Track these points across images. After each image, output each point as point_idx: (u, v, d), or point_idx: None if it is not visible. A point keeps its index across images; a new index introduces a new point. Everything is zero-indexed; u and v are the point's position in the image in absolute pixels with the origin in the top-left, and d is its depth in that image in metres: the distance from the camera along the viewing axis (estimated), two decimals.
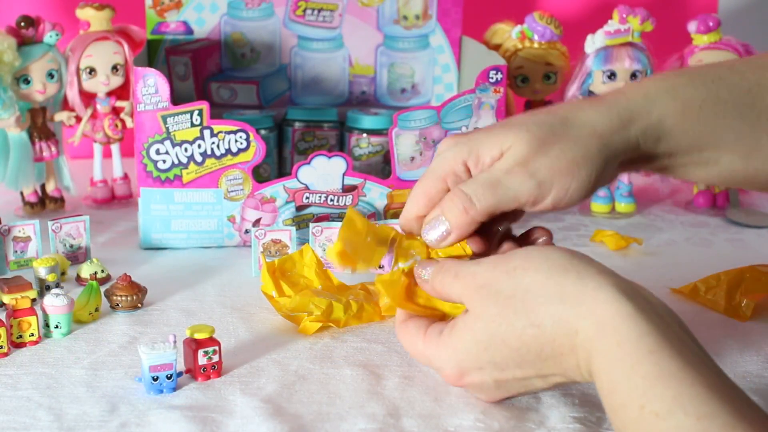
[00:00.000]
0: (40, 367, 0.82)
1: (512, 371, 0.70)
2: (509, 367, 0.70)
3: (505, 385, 0.72)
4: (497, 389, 0.72)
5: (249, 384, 0.79)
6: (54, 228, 1.03)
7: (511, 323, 0.68)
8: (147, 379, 0.77)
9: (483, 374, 0.71)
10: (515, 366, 0.69)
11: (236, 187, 1.09)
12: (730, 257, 1.10)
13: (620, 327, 0.63)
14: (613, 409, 0.63)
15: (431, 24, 1.30)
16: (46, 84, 1.18)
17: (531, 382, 0.71)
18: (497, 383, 0.71)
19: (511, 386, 0.72)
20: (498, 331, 0.69)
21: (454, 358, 0.72)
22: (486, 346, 0.70)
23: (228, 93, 1.30)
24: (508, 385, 0.72)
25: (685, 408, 0.58)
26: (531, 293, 0.68)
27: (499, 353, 0.69)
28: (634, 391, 0.61)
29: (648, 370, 0.61)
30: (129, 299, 0.92)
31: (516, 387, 0.72)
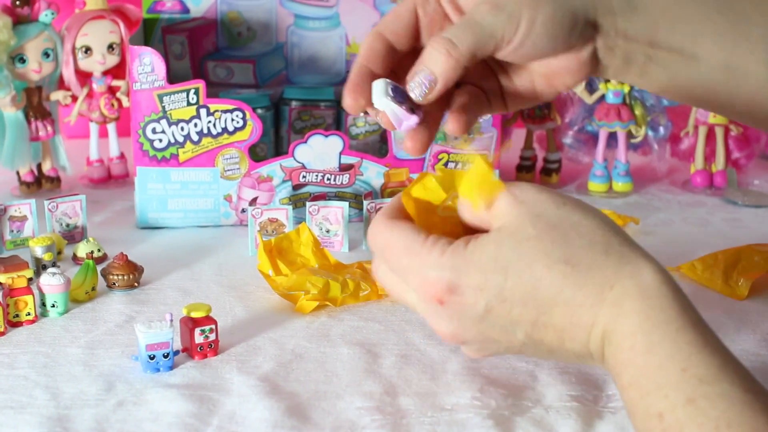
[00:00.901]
0: (36, 346, 0.82)
1: (511, 306, 0.63)
2: (513, 299, 0.63)
3: (490, 320, 0.64)
4: (476, 323, 0.64)
5: (246, 362, 0.79)
6: (50, 207, 1.03)
7: (545, 250, 0.62)
8: (144, 357, 0.77)
9: (478, 296, 0.63)
10: (519, 302, 0.63)
11: (233, 166, 1.09)
12: (728, 236, 1.10)
13: (667, 294, 0.61)
14: (645, 370, 0.59)
15: None
16: (42, 63, 1.17)
17: (516, 330, 0.64)
18: (483, 315, 0.64)
19: (493, 324, 0.64)
20: (527, 254, 0.62)
21: (457, 268, 0.64)
22: (505, 265, 0.63)
23: (224, 72, 1.29)
24: (491, 322, 0.64)
25: (732, 378, 0.57)
26: (576, 231, 0.63)
27: (514, 279, 0.62)
28: (677, 353, 0.58)
29: (693, 337, 0.59)
30: (125, 278, 0.92)
31: (496, 329, 0.64)
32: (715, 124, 1.27)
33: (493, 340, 0.65)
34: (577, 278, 0.61)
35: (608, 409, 0.73)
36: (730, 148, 1.28)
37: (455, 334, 0.66)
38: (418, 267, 0.65)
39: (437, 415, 0.72)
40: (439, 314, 0.65)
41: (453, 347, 0.82)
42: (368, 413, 0.72)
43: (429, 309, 0.66)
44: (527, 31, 0.70)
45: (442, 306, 0.64)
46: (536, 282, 0.62)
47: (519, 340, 0.64)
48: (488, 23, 0.70)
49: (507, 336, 0.64)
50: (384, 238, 0.67)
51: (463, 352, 0.69)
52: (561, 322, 0.62)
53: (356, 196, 1.11)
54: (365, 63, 0.74)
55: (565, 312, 0.62)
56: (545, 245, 0.62)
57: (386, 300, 0.91)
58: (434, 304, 0.65)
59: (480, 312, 0.64)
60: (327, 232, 1.03)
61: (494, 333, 0.65)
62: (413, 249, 0.65)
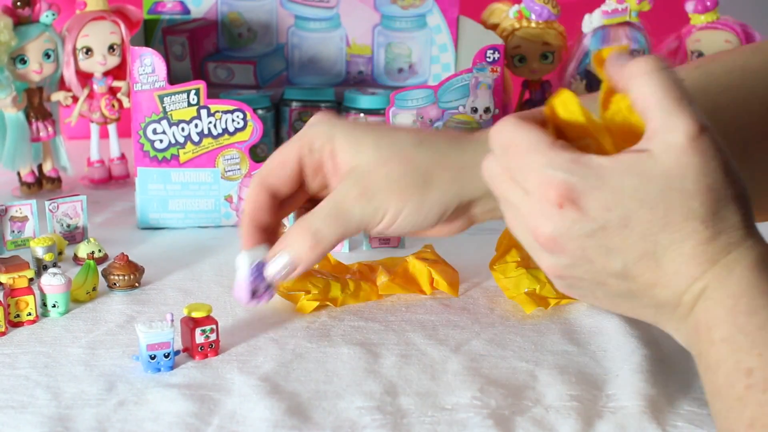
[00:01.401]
0: (37, 346, 0.82)
1: (629, 234, 0.61)
2: (635, 229, 0.61)
3: (599, 239, 0.61)
4: (583, 237, 0.62)
5: (246, 362, 0.79)
6: (51, 208, 1.03)
7: (691, 207, 0.60)
8: (144, 357, 0.77)
9: (601, 213, 0.61)
10: (640, 233, 0.61)
11: (233, 167, 1.09)
12: None
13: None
14: (744, 329, 0.60)
15: (428, 4, 1.29)
16: (43, 64, 1.18)
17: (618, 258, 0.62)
18: (595, 232, 0.61)
19: (600, 244, 0.62)
20: (672, 201, 0.60)
21: (587, 178, 0.61)
22: (643, 198, 0.60)
23: (225, 73, 1.30)
24: (600, 241, 0.61)
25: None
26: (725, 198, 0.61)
27: (646, 212, 0.60)
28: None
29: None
30: (126, 278, 0.92)
31: (600, 251, 0.62)
32: None
33: (588, 260, 0.63)
34: (704, 236, 0.61)
35: (608, 408, 0.73)
36: None
37: (554, 238, 0.62)
38: (544, 165, 0.62)
39: (437, 414, 0.72)
40: (549, 215, 0.62)
41: (453, 347, 0.82)
42: (369, 413, 0.72)
43: (538, 208, 0.62)
44: (392, 221, 0.76)
45: (558, 209, 0.61)
46: (666, 225, 0.61)
47: (613, 270, 0.63)
48: (355, 213, 0.76)
49: (605, 261, 0.62)
50: (510, 134, 0.64)
51: (542, 262, 0.66)
52: (667, 267, 0.62)
53: None
54: (252, 217, 0.80)
55: (677, 259, 0.61)
56: (694, 203, 0.60)
57: (387, 300, 0.91)
58: (548, 205, 0.62)
59: (594, 228, 0.61)
60: None
61: (595, 253, 0.62)
62: (541, 148, 0.62)
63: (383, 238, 1.05)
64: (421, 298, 0.92)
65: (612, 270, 0.63)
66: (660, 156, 0.60)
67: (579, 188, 0.61)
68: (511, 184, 0.64)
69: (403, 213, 0.76)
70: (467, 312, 0.89)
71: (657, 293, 0.63)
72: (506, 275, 0.91)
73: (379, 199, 0.76)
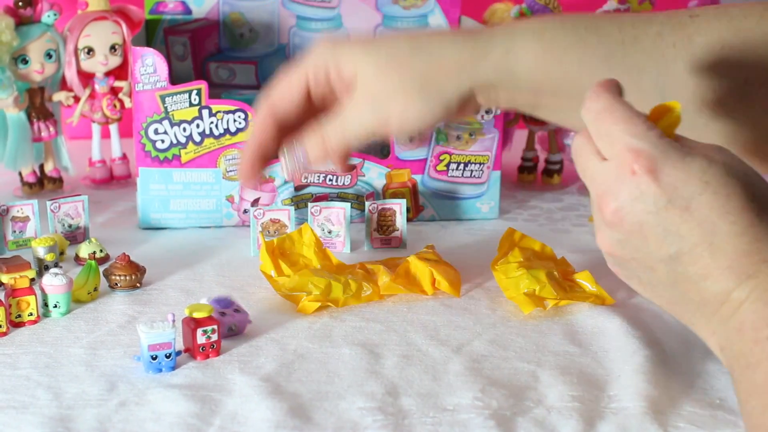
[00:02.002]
0: (39, 347, 0.82)
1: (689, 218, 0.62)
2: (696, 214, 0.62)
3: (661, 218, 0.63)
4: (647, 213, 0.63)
5: (248, 363, 0.79)
6: (52, 208, 1.03)
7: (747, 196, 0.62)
8: (146, 358, 0.77)
9: (669, 191, 0.62)
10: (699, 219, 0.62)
11: (235, 167, 1.09)
12: None
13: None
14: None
15: (430, 4, 1.29)
16: (44, 64, 1.18)
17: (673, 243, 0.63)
18: (660, 209, 0.62)
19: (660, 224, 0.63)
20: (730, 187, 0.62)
21: (667, 154, 0.63)
22: (707, 181, 0.62)
23: (226, 73, 1.29)
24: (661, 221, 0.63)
25: None
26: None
27: (708, 196, 0.62)
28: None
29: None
30: (128, 279, 0.92)
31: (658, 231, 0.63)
32: None
33: (643, 238, 0.64)
34: (759, 231, 0.62)
35: (610, 409, 0.73)
36: None
37: (618, 211, 0.64)
38: (631, 135, 0.64)
39: (439, 415, 0.72)
40: (620, 184, 0.63)
41: (455, 348, 0.82)
42: (370, 414, 0.72)
43: (614, 175, 0.64)
44: (399, 125, 0.79)
45: (631, 177, 0.63)
46: (725, 213, 0.62)
47: (665, 254, 0.63)
48: (361, 119, 0.79)
49: (659, 243, 0.63)
50: (608, 102, 0.66)
51: (599, 237, 0.67)
52: (720, 261, 0.62)
53: (358, 197, 1.11)
54: (259, 145, 0.82)
55: (732, 253, 0.62)
56: (749, 193, 0.62)
57: (388, 300, 0.91)
58: (623, 173, 0.63)
59: (660, 204, 0.62)
60: (329, 233, 1.04)
61: (652, 232, 0.63)
62: (633, 120, 0.64)
63: (384, 238, 1.04)
64: (422, 298, 0.92)
65: (665, 254, 0.63)
66: (716, 155, 0.64)
67: (659, 162, 0.62)
68: (593, 155, 0.66)
69: (407, 117, 0.78)
70: (469, 313, 0.89)
71: (706, 286, 0.63)
72: (507, 276, 0.91)
73: (381, 107, 0.78)
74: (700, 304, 0.64)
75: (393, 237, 1.05)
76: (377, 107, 0.78)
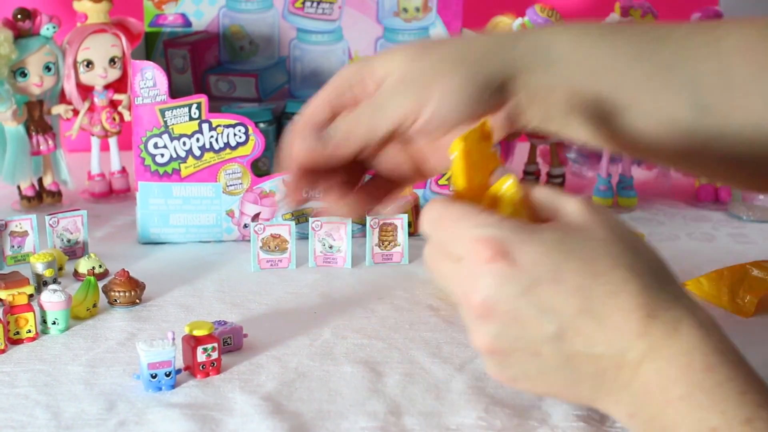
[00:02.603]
0: (37, 364, 0.81)
1: (561, 290, 0.60)
2: (566, 283, 0.60)
3: (531, 298, 0.60)
4: (515, 297, 0.60)
5: (248, 381, 0.79)
6: (51, 223, 1.02)
7: (613, 254, 0.60)
8: (145, 376, 0.76)
9: (530, 269, 0.60)
10: (571, 288, 0.60)
11: (235, 181, 1.08)
12: (733, 252, 1.10)
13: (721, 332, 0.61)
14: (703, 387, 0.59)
15: (431, 16, 1.29)
16: (43, 77, 1.17)
17: (551, 320, 0.60)
18: (528, 289, 0.60)
19: (533, 305, 0.60)
20: (595, 249, 0.61)
21: (517, 233, 0.61)
22: (570, 249, 0.61)
23: (226, 86, 1.29)
24: (532, 301, 0.60)
25: None
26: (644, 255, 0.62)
27: (575, 263, 0.60)
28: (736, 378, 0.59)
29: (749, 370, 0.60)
30: (127, 295, 0.92)
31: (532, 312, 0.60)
32: None
33: (520, 325, 0.61)
34: (636, 288, 0.60)
35: (615, 429, 0.73)
36: None
37: (486, 302, 0.61)
38: (474, 227, 0.62)
39: None
40: (480, 276, 0.61)
41: (458, 366, 0.81)
42: None
43: (469, 270, 0.62)
44: (434, 112, 0.73)
45: (488, 266, 0.60)
46: (597, 276, 0.60)
47: (547, 334, 0.61)
48: (391, 102, 0.73)
49: (538, 324, 0.60)
50: (439, 209, 0.64)
51: (473, 337, 0.64)
52: (606, 323, 0.60)
53: None
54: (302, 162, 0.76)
55: (615, 314, 0.60)
56: (615, 250, 0.61)
57: (389, 318, 0.90)
58: (480, 265, 0.61)
59: (526, 284, 0.60)
60: (330, 248, 1.03)
61: (527, 315, 0.60)
62: (470, 214, 0.62)
63: (386, 253, 1.04)
64: (424, 315, 0.91)
65: (546, 334, 0.61)
66: (572, 218, 0.62)
67: (509, 241, 0.60)
68: (444, 258, 0.64)
69: (444, 97, 0.73)
70: None
71: (598, 354, 0.60)
72: None
73: (420, 85, 0.73)
74: (597, 375, 0.61)
75: (394, 252, 1.04)
76: (414, 87, 0.73)
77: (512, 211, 0.64)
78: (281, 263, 1.02)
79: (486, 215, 0.62)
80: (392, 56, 0.76)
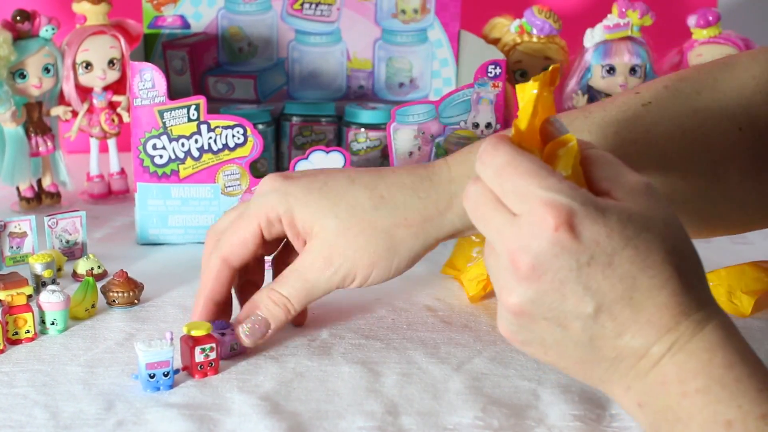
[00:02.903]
0: (36, 365, 0.81)
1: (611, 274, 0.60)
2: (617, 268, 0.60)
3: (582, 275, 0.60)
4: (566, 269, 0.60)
5: (246, 381, 0.79)
6: (50, 224, 1.03)
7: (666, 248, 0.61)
8: (144, 376, 0.77)
9: (591, 246, 0.60)
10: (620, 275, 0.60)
11: (233, 183, 1.08)
12: (731, 252, 1.09)
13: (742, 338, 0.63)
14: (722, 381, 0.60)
15: (429, 18, 1.29)
16: (42, 78, 1.17)
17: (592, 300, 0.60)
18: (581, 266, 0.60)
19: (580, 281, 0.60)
20: (651, 239, 0.61)
21: (587, 206, 0.60)
22: (629, 236, 0.60)
23: (225, 87, 1.29)
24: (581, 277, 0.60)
25: None
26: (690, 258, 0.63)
27: (630, 251, 0.60)
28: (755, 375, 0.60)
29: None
30: (126, 295, 0.92)
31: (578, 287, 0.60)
32: None
33: (561, 295, 0.61)
34: (678, 286, 0.61)
35: (612, 428, 0.73)
36: None
37: (536, 267, 0.60)
38: (544, 189, 0.60)
39: None
40: (541, 236, 0.60)
41: (455, 366, 0.81)
42: None
43: (528, 230, 0.60)
44: (361, 283, 0.81)
45: (552, 232, 0.59)
46: (646, 267, 0.61)
47: (583, 311, 0.61)
48: (321, 282, 0.80)
49: (578, 300, 0.61)
50: (507, 156, 0.62)
51: (508, 294, 0.62)
52: (641, 315, 0.61)
53: None
54: (212, 292, 0.84)
55: (652, 308, 0.61)
56: (668, 245, 0.61)
57: (387, 317, 0.91)
58: (542, 228, 0.60)
59: (583, 261, 0.60)
60: None
61: (571, 290, 0.61)
62: (542, 174, 0.61)
63: None
64: (422, 315, 0.91)
65: (582, 311, 0.61)
66: (635, 200, 0.62)
67: (580, 215, 0.60)
68: (498, 208, 0.63)
69: (372, 276, 0.80)
70: (469, 330, 0.89)
71: (624, 342, 0.61)
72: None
73: (346, 268, 0.80)
74: (615, 360, 0.62)
75: None
76: (344, 268, 0.80)
77: (570, 172, 0.64)
78: None
79: (557, 179, 0.61)
80: (320, 211, 0.80)
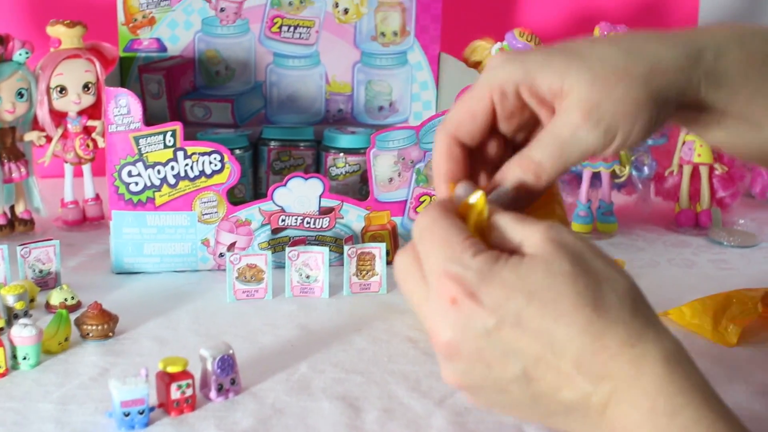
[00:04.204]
0: (6, 402, 0.79)
1: (522, 333, 0.59)
2: (528, 327, 0.59)
3: (494, 340, 0.59)
4: (478, 338, 0.60)
5: (224, 419, 0.77)
6: (23, 253, 1.00)
7: (577, 290, 0.59)
8: (118, 414, 0.74)
9: (493, 311, 0.59)
10: (533, 332, 0.59)
11: (210, 210, 1.07)
12: (714, 278, 1.09)
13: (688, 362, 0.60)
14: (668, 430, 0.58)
15: (409, 40, 1.28)
16: (16, 103, 1.15)
17: (515, 362, 0.60)
18: (490, 332, 0.59)
19: (495, 346, 0.59)
20: (557, 287, 0.59)
21: (483, 274, 0.60)
22: (532, 290, 0.59)
23: (202, 111, 1.27)
24: (495, 343, 0.59)
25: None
26: (609, 284, 0.60)
27: (536, 307, 0.59)
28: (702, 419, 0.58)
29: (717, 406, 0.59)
30: (100, 328, 0.90)
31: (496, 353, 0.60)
32: (699, 164, 1.26)
33: (485, 365, 0.60)
34: (600, 327, 0.59)
35: None
36: (715, 187, 1.27)
37: (451, 343, 0.60)
38: (446, 258, 0.61)
39: None
40: (444, 315, 0.60)
41: (437, 400, 0.80)
42: None
43: (435, 307, 0.61)
44: (623, 143, 0.69)
45: (452, 307, 0.60)
46: (558, 318, 0.59)
47: (512, 375, 0.60)
48: (581, 141, 0.69)
49: (502, 365, 0.60)
50: (430, 221, 0.63)
51: (442, 373, 0.63)
52: (567, 367, 0.59)
53: (336, 240, 1.09)
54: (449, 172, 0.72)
55: (577, 357, 0.59)
56: (578, 286, 0.59)
57: (368, 350, 0.89)
58: (444, 303, 0.60)
59: (489, 327, 0.59)
60: (307, 278, 1.01)
61: (491, 356, 0.60)
62: (450, 241, 0.61)
63: (363, 283, 1.02)
64: (403, 347, 0.90)
65: (511, 375, 0.60)
66: (536, 250, 0.61)
67: (474, 284, 0.59)
68: (418, 281, 0.63)
69: (634, 131, 0.69)
70: None
71: (565, 397, 0.60)
72: None
73: (606, 121, 0.69)
74: (566, 412, 0.61)
75: (372, 281, 1.02)
76: (604, 122, 0.69)
77: (478, 228, 0.63)
78: (257, 294, 1.01)
79: (461, 246, 0.61)
80: (571, 68, 0.70)
